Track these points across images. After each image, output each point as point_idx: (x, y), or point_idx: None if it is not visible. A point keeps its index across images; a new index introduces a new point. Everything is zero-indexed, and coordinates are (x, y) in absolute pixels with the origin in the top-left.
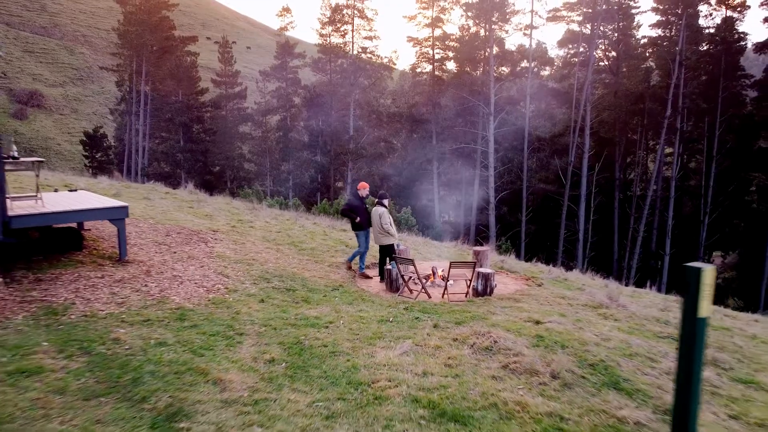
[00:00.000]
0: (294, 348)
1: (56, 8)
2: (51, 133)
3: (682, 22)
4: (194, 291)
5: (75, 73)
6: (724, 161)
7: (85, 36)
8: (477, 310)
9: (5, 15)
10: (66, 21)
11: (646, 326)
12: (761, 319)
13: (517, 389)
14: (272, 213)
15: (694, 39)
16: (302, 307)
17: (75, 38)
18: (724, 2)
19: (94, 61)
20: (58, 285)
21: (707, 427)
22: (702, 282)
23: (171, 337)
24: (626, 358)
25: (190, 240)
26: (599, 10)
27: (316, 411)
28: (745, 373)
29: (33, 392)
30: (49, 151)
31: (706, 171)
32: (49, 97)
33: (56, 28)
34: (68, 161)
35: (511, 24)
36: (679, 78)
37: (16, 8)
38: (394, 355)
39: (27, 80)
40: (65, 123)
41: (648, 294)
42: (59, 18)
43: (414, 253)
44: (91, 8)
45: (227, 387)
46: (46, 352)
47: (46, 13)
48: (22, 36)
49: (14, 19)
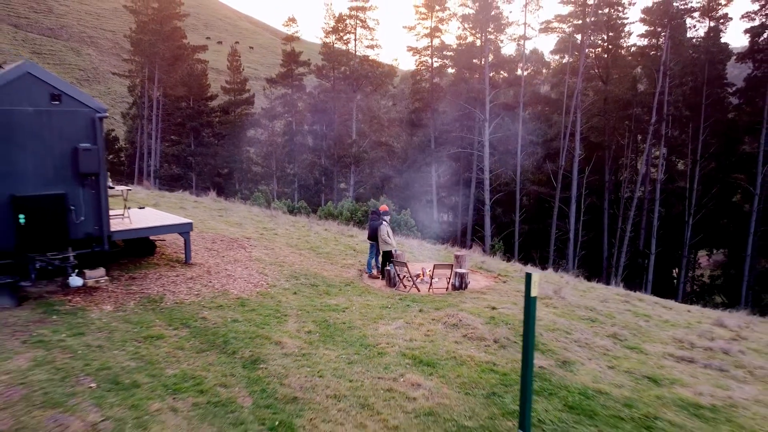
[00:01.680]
0: (323, 324)
1: (63, 10)
2: None
3: (667, 33)
4: (245, 286)
5: (82, 74)
6: (709, 164)
7: (91, 37)
8: (452, 300)
9: (13, 17)
10: (72, 22)
11: (575, 312)
12: (693, 310)
13: (470, 349)
14: (288, 220)
15: (679, 49)
16: (324, 298)
17: (81, 39)
18: (708, 14)
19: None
20: (148, 281)
21: (589, 372)
22: (532, 280)
23: (239, 317)
24: (549, 332)
25: (231, 246)
26: (588, 21)
27: (341, 360)
28: (634, 343)
29: (163, 349)
30: None
31: (691, 174)
32: None
33: (63, 29)
34: None
35: (506, 34)
36: (664, 86)
37: (24, 10)
38: (391, 328)
39: None
40: None
41: (601, 289)
42: (66, 19)
43: (409, 256)
44: (97, 9)
45: (284, 346)
46: (160, 326)
47: (53, 15)
48: (30, 38)
49: (22, 21)
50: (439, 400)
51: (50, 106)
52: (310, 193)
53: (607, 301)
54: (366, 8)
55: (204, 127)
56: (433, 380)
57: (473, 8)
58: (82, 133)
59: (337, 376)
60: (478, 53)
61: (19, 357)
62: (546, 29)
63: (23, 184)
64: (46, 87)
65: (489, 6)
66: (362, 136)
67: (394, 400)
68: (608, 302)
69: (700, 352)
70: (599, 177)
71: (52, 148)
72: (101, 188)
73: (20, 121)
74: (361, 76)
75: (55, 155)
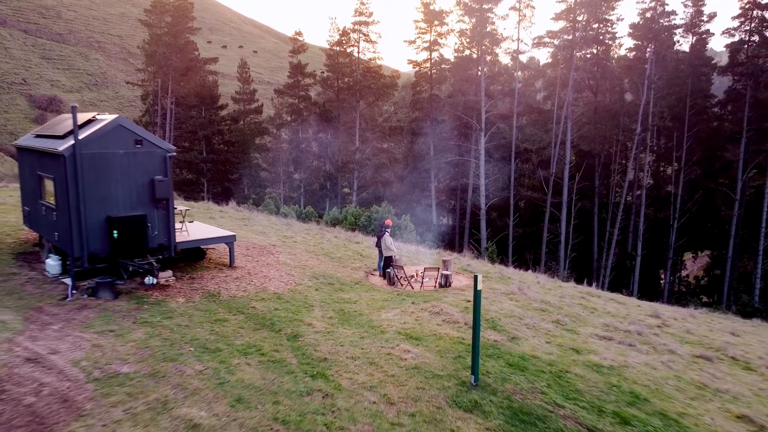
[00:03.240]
0: (340, 312)
1: (71, 15)
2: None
3: (651, 49)
4: (279, 284)
5: (90, 79)
6: (695, 170)
7: (99, 42)
8: (437, 295)
9: (23, 23)
10: (80, 27)
11: (531, 304)
12: (643, 305)
13: (447, 329)
14: (302, 228)
15: (663, 63)
16: (339, 293)
17: (89, 44)
18: (691, 30)
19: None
20: (205, 280)
21: (530, 345)
22: (478, 279)
23: (278, 307)
24: (506, 318)
25: (263, 252)
26: (577, 37)
27: (355, 336)
28: (571, 327)
29: (230, 328)
30: None
31: (676, 180)
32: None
33: (71, 34)
34: None
35: (501, 48)
36: (649, 98)
37: (33, 16)
38: (390, 315)
39: (46, 86)
40: None
41: (568, 287)
42: (74, 24)
43: (406, 260)
44: (104, 15)
45: (314, 327)
46: (223, 313)
47: (62, 20)
48: (40, 43)
49: (31, 26)
50: (422, 360)
51: (134, 149)
52: (315, 197)
53: (565, 297)
54: (369, 23)
55: (215, 135)
56: (419, 348)
57: (469, 24)
58: (157, 168)
59: (353, 345)
60: (475, 66)
61: (136, 331)
62: (538, 44)
63: (115, 207)
64: (132, 134)
65: (484, 21)
66: (365, 143)
67: (391, 359)
68: (565, 298)
69: (619, 334)
70: (590, 183)
71: (136, 180)
72: (170, 209)
73: (114, 160)
74: (363, 87)
75: (138, 185)
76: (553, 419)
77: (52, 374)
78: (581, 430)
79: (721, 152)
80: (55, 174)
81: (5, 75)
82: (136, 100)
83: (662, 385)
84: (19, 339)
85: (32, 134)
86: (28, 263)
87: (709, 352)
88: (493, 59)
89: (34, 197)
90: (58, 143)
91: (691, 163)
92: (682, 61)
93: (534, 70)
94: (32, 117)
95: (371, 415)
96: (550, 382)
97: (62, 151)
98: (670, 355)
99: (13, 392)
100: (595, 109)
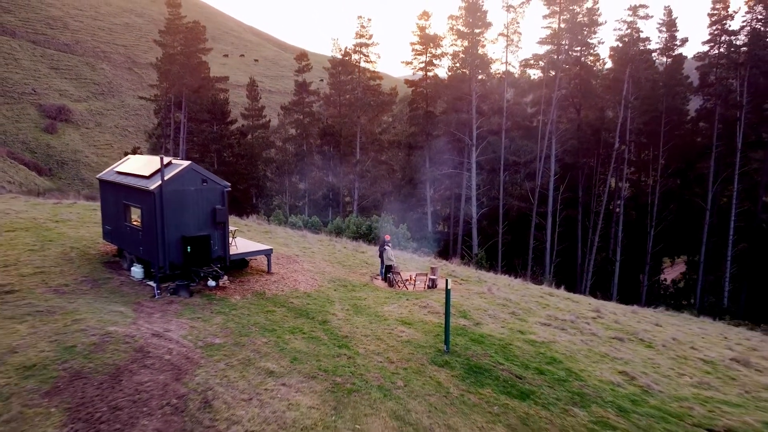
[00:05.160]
0: (354, 306)
1: (77, 26)
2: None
3: (627, 72)
4: (307, 286)
5: (97, 88)
6: (672, 181)
7: (105, 52)
8: (426, 294)
9: (32, 33)
10: (86, 38)
11: (496, 301)
12: (593, 302)
13: (431, 317)
14: (315, 239)
15: (639, 84)
16: (352, 293)
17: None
18: (665, 54)
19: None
20: (251, 283)
21: (489, 328)
22: (448, 282)
23: (309, 302)
24: (474, 310)
25: (290, 261)
26: (561, 60)
27: (366, 322)
28: (522, 317)
29: (278, 316)
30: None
31: (652, 190)
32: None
33: (78, 45)
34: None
35: (491, 69)
36: (626, 117)
37: (41, 26)
38: (390, 308)
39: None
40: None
41: (533, 288)
42: (80, 35)
43: (401, 266)
44: (109, 25)
45: (336, 315)
46: (271, 306)
47: (68, 31)
48: (48, 53)
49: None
50: (412, 337)
51: (201, 186)
52: (319, 207)
53: (526, 296)
54: (368, 44)
55: (225, 149)
56: (410, 329)
57: (461, 47)
58: (217, 199)
59: (365, 328)
60: (467, 86)
61: (215, 318)
62: (525, 66)
63: (188, 229)
64: (199, 175)
65: (476, 44)
66: (365, 156)
67: (391, 336)
68: (526, 297)
69: (557, 322)
70: (574, 193)
71: (202, 208)
72: (226, 230)
73: (187, 194)
74: (364, 104)
75: (204, 212)
76: (494, 371)
77: (173, 343)
78: (511, 376)
79: (694, 165)
80: (144, 204)
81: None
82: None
83: (575, 354)
84: (140, 323)
85: (113, 170)
86: (115, 270)
87: (624, 335)
88: (484, 79)
89: (118, 219)
90: (146, 182)
91: (667, 174)
92: (658, 81)
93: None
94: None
95: (378, 368)
96: (498, 351)
97: (152, 189)
98: (591, 336)
99: (155, 353)
100: (578, 125)
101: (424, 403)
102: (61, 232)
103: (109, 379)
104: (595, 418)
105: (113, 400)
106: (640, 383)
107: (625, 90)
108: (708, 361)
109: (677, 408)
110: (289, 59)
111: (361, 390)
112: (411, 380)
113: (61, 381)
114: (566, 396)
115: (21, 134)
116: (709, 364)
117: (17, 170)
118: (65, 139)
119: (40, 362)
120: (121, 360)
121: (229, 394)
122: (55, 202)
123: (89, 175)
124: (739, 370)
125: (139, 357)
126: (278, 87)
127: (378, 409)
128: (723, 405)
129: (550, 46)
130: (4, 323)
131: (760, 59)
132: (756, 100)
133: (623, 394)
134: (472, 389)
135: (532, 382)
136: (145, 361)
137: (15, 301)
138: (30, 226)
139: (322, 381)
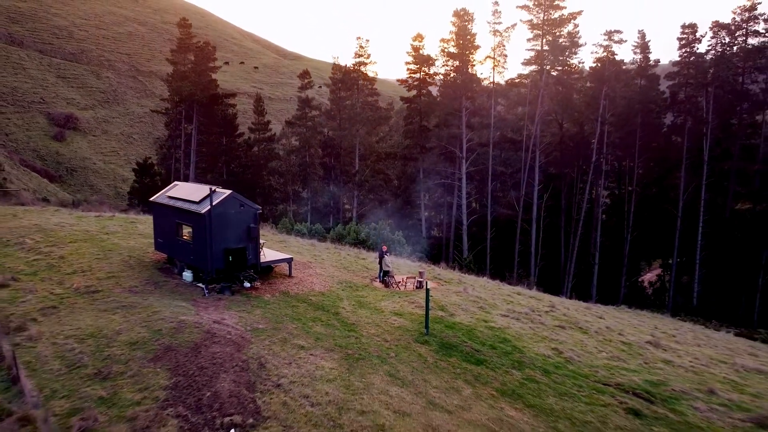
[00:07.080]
0: (358, 302)
1: (82, 35)
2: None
3: (602, 93)
4: (321, 287)
5: (102, 96)
6: (649, 189)
7: (109, 60)
8: (414, 293)
9: (39, 43)
10: (91, 47)
11: (470, 298)
12: (554, 300)
13: (417, 310)
14: (323, 246)
15: (615, 102)
16: (356, 292)
17: (100, 63)
18: (640, 74)
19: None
20: (278, 285)
21: (460, 318)
22: (426, 282)
23: (324, 299)
24: (450, 304)
25: (305, 267)
26: (544, 78)
27: (368, 313)
28: (488, 310)
29: (301, 309)
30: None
31: (628, 199)
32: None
33: (83, 54)
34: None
35: (481, 86)
36: (603, 132)
37: (48, 36)
38: (386, 304)
39: (62, 104)
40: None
41: (506, 288)
42: (85, 44)
43: (396, 270)
44: (113, 34)
45: (345, 309)
46: (295, 302)
47: (74, 40)
48: (55, 63)
49: (46, 46)
50: (402, 324)
51: (239, 209)
52: (321, 214)
53: (496, 294)
54: (367, 63)
55: (233, 160)
56: (401, 319)
57: (452, 67)
58: (250, 219)
59: (367, 318)
60: (458, 103)
61: (255, 310)
62: (511, 85)
63: (229, 243)
64: (238, 201)
65: (466, 64)
66: (364, 166)
67: (387, 323)
68: (496, 295)
69: (514, 314)
70: (556, 201)
71: (240, 226)
72: (258, 243)
73: (228, 216)
74: (363, 119)
75: (241, 230)
76: (460, 347)
77: (230, 327)
78: (472, 350)
79: (668, 175)
80: (195, 224)
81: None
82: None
83: (522, 336)
84: (201, 314)
85: (164, 195)
86: (168, 274)
87: (567, 324)
88: (473, 96)
89: (171, 234)
90: (197, 206)
91: (643, 184)
92: (633, 99)
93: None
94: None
95: (377, 345)
96: (464, 334)
97: (203, 212)
98: (539, 324)
99: (219, 334)
100: (561, 138)
101: (408, 367)
102: (115, 243)
103: (191, 351)
104: (527, 376)
105: (199, 363)
106: (566, 356)
107: (601, 107)
108: (627, 342)
109: (587, 371)
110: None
111: (366, 358)
112: (400, 353)
113: (159, 352)
114: (509, 362)
115: (31, 142)
116: (627, 345)
117: (30, 177)
118: (73, 147)
119: (140, 340)
120: (196, 338)
121: (275, 360)
122: (96, 215)
123: (97, 181)
124: (648, 349)
125: (209, 337)
126: (278, 94)
127: (377, 370)
128: (623, 371)
129: (534, 67)
130: (102, 314)
131: (724, 80)
132: (722, 116)
133: (551, 363)
134: (443, 358)
135: (486, 354)
136: (213, 339)
137: (102, 298)
138: (87, 238)
139: (338, 352)
